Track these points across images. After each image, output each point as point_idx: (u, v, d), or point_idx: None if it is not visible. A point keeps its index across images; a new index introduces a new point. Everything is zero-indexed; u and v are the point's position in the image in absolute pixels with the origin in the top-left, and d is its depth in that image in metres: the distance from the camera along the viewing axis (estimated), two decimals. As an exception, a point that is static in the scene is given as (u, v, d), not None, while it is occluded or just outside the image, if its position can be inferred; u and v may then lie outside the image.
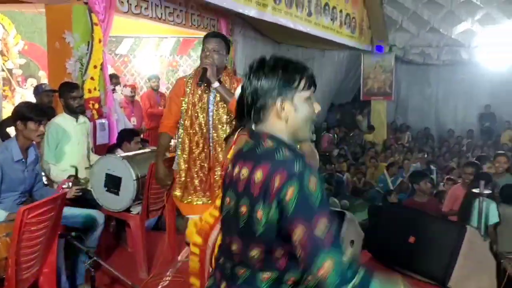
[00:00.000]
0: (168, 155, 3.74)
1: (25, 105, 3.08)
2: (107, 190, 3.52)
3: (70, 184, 3.15)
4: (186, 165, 3.18)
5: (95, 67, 5.20)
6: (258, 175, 1.35)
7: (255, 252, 1.37)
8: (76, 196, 3.18)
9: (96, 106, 5.29)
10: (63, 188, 3.09)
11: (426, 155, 9.82)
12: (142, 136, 6.39)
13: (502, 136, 12.02)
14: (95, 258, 2.80)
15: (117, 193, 3.48)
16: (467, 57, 12.36)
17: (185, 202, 3.24)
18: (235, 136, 2.29)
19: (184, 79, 3.24)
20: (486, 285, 3.56)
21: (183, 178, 3.21)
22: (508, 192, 4.92)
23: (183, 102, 3.16)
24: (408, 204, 5.08)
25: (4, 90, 6.92)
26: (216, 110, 3.13)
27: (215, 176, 3.18)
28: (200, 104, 3.14)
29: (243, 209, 1.39)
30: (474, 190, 4.21)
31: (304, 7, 7.96)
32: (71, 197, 3.06)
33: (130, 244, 4.12)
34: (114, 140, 5.34)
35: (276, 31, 8.99)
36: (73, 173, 3.37)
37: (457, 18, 12.07)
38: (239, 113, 2.17)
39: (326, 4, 8.91)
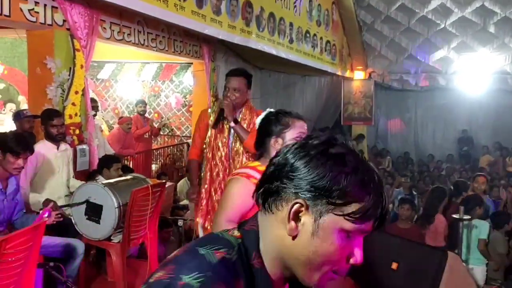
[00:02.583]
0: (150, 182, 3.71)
1: (10, 135, 3.01)
2: (87, 218, 3.46)
3: (50, 213, 3.08)
4: (208, 194, 3.26)
5: (76, 92, 5.17)
6: None
7: None
8: (57, 222, 3.11)
9: (77, 131, 5.24)
10: (43, 218, 3.03)
11: (409, 180, 9.91)
12: (125, 162, 6.34)
13: (481, 160, 12.24)
14: (74, 289, 2.74)
15: (98, 222, 3.42)
16: (445, 83, 12.66)
17: (210, 229, 3.23)
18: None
19: (208, 111, 3.37)
20: (468, 311, 3.56)
21: (204, 207, 3.26)
22: (495, 218, 5.06)
23: (207, 135, 3.30)
24: (391, 230, 5.10)
25: (-18, 115, 6.83)
26: (234, 143, 3.23)
27: None
28: (220, 137, 3.24)
29: None
30: (455, 216, 4.28)
31: (286, 34, 8.10)
32: (51, 223, 2.99)
33: (110, 273, 4.04)
34: (95, 166, 5.28)
35: (258, 57, 9.11)
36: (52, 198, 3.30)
37: (433, 45, 12.41)
38: (257, 142, 2.16)
39: (307, 31, 9.08)
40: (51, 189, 3.62)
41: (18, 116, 4.81)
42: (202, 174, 3.35)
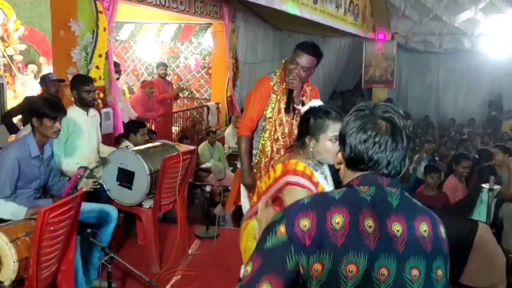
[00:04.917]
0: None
1: (40, 100, 2.99)
2: (119, 184, 3.48)
3: (83, 172, 3.05)
4: (266, 169, 3.06)
5: (100, 55, 5.13)
6: (424, 228, 1.23)
7: None
8: (93, 189, 3.14)
9: (101, 95, 5.23)
10: (78, 178, 3.03)
11: (434, 146, 9.71)
12: (148, 126, 6.35)
13: (503, 125, 12.01)
14: (111, 254, 2.78)
15: (130, 188, 3.44)
16: (470, 46, 12.28)
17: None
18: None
19: (270, 82, 3.11)
20: (496, 280, 3.58)
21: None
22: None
23: (270, 105, 3.08)
24: (416, 197, 5.06)
25: (5, 77, 6.83)
26: (297, 121, 3.01)
27: None
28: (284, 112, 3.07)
29: (416, 272, 1.19)
30: (484, 185, 4.22)
31: (310, -6, 7.85)
32: (88, 190, 3.01)
33: (140, 237, 4.11)
34: (119, 129, 5.30)
35: (278, 17, 8.91)
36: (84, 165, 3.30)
37: (460, 6, 11.96)
38: (299, 134, 2.10)
39: (332, -10, 8.80)
40: (82, 155, 3.63)
41: (44, 80, 4.79)
42: (260, 145, 3.12)
